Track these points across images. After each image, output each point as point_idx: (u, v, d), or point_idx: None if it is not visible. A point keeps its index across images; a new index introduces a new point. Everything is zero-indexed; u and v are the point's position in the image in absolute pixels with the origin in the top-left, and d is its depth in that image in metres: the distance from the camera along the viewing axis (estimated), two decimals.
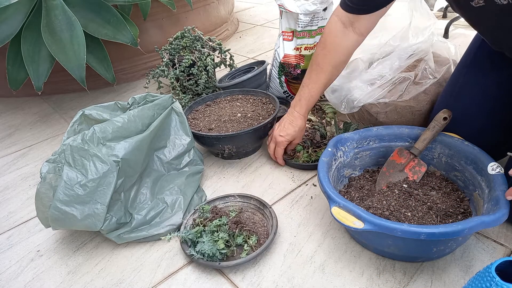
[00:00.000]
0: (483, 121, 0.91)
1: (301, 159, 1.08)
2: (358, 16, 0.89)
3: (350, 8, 0.89)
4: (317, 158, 1.04)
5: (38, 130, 1.48)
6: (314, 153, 1.10)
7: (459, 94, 0.95)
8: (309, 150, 1.10)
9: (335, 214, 0.73)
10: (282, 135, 1.04)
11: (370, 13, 0.88)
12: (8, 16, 1.30)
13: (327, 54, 0.95)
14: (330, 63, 0.95)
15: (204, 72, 1.40)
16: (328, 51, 0.95)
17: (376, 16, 0.89)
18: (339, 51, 0.94)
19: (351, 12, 0.89)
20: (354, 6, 0.88)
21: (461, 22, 1.99)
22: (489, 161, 0.81)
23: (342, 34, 0.92)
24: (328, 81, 0.99)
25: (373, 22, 0.91)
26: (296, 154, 1.10)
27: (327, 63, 0.95)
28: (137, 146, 0.90)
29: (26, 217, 1.05)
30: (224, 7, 2.18)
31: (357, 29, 0.91)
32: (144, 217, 0.91)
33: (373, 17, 0.89)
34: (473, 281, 0.61)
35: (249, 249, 0.83)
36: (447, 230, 0.65)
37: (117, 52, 1.66)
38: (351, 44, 0.93)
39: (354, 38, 0.93)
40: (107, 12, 1.35)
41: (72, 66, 1.26)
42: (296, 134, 1.04)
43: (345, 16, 0.90)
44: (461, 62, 0.99)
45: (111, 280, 0.83)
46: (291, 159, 1.09)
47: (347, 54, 0.95)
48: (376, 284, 0.75)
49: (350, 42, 0.93)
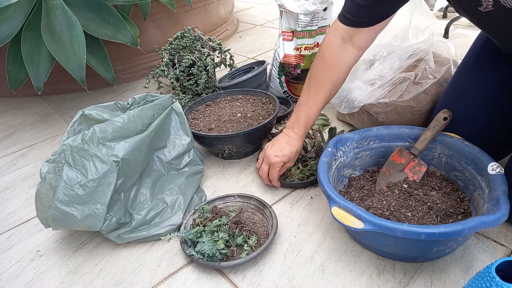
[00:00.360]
0: (483, 121, 0.91)
1: (296, 177, 1.02)
2: (358, 29, 0.85)
3: (350, 21, 0.85)
4: (312, 173, 1.02)
5: (38, 130, 1.48)
6: (306, 167, 1.04)
7: (461, 94, 0.95)
8: (299, 166, 1.03)
9: (335, 214, 0.73)
10: (278, 155, 0.95)
11: (370, 26, 0.85)
12: (8, 16, 1.30)
13: (327, 70, 0.91)
14: (330, 79, 0.91)
15: (204, 72, 1.40)
16: (328, 66, 0.90)
17: (376, 31, 0.87)
18: (338, 67, 0.90)
19: (351, 25, 0.86)
20: (355, 19, 0.85)
21: (461, 22, 1.99)
22: (489, 161, 0.81)
23: (342, 49, 0.88)
24: (327, 99, 0.93)
25: (372, 36, 0.88)
26: (288, 173, 1.03)
27: (327, 79, 0.91)
28: (137, 146, 0.90)
29: (26, 217, 1.05)
30: (224, 7, 2.18)
31: (356, 44, 0.88)
32: (144, 217, 0.91)
33: (373, 31, 0.86)
34: (473, 281, 0.61)
35: (249, 249, 0.83)
36: (447, 230, 0.65)
37: (117, 52, 1.66)
38: (349, 59, 0.90)
39: (353, 53, 0.89)
40: (107, 12, 1.35)
41: (72, 66, 1.26)
42: (292, 156, 0.96)
43: (344, 30, 0.87)
44: (463, 62, 0.99)
45: (111, 280, 0.83)
46: (285, 180, 1.03)
47: (346, 70, 0.91)
48: (376, 284, 0.75)
49: (349, 57, 0.89)
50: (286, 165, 0.98)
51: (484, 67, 0.92)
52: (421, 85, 1.06)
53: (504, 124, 0.90)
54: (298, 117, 0.94)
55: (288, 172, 1.03)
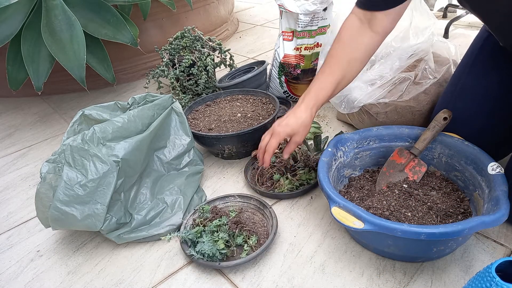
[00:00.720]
0: (483, 121, 0.91)
1: (285, 188, 0.99)
2: (374, 13, 0.84)
3: (365, 4, 0.84)
4: (302, 183, 1.00)
5: (38, 130, 1.48)
6: (295, 177, 1.01)
7: (461, 94, 0.95)
8: (288, 177, 1.01)
9: (335, 214, 0.73)
10: (281, 125, 0.89)
11: (386, 10, 0.83)
12: (8, 16, 1.30)
13: (342, 47, 0.88)
14: (345, 56, 0.88)
15: (204, 72, 1.40)
16: (343, 43, 0.88)
17: (393, 16, 0.84)
18: (354, 45, 0.88)
19: (366, 8, 0.84)
20: (369, 2, 0.83)
21: (461, 22, 1.99)
22: (489, 161, 0.81)
23: (359, 30, 0.87)
24: (342, 78, 0.88)
25: (390, 22, 0.86)
26: (276, 184, 1.01)
27: (342, 56, 0.88)
28: (137, 146, 0.90)
29: (26, 217, 1.05)
30: (224, 7, 2.18)
31: (374, 28, 0.86)
32: (144, 217, 0.91)
33: (390, 17, 0.84)
34: (473, 281, 0.61)
35: (249, 249, 0.83)
36: (447, 230, 0.65)
37: (117, 52, 1.66)
38: (367, 42, 0.87)
39: (371, 36, 0.87)
40: (107, 12, 1.35)
41: (72, 66, 1.26)
42: (298, 129, 0.88)
43: (361, 14, 0.86)
44: (463, 62, 0.99)
45: (111, 280, 0.83)
46: (273, 191, 0.99)
47: (364, 51, 0.88)
48: (376, 284, 0.75)
49: (367, 39, 0.87)
50: (293, 139, 0.90)
51: (484, 67, 0.92)
52: (421, 85, 1.06)
53: (504, 124, 0.90)
54: (309, 89, 0.90)
55: (277, 183, 1.00)
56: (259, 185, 1.03)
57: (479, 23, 1.07)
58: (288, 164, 1.03)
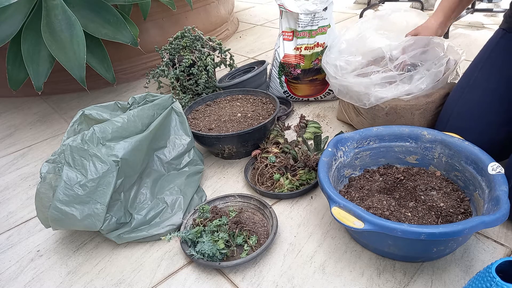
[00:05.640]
0: (491, 117, 0.92)
1: (285, 187, 0.99)
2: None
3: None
4: (302, 183, 1.00)
5: (38, 130, 1.48)
6: (295, 177, 1.01)
7: (472, 88, 0.96)
8: (288, 177, 1.01)
9: (335, 214, 0.73)
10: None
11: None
12: (8, 16, 1.30)
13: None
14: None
15: (204, 72, 1.40)
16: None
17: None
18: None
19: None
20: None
21: (461, 22, 1.99)
22: (490, 161, 0.81)
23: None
24: None
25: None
26: (277, 184, 1.00)
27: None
28: (137, 146, 0.90)
29: (26, 217, 1.05)
30: (224, 7, 2.18)
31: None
32: (144, 217, 0.91)
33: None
34: (473, 281, 0.61)
35: (249, 249, 0.83)
36: (447, 230, 0.65)
37: (117, 52, 1.66)
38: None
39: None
40: (107, 12, 1.35)
41: (72, 66, 1.26)
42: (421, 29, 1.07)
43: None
44: (477, 58, 1.00)
45: (111, 280, 0.83)
46: (273, 191, 0.99)
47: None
48: (376, 284, 0.75)
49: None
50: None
51: (497, 62, 0.93)
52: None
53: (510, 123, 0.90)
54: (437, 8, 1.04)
55: (277, 183, 1.00)
56: (259, 185, 1.03)
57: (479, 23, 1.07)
58: (288, 164, 1.03)
